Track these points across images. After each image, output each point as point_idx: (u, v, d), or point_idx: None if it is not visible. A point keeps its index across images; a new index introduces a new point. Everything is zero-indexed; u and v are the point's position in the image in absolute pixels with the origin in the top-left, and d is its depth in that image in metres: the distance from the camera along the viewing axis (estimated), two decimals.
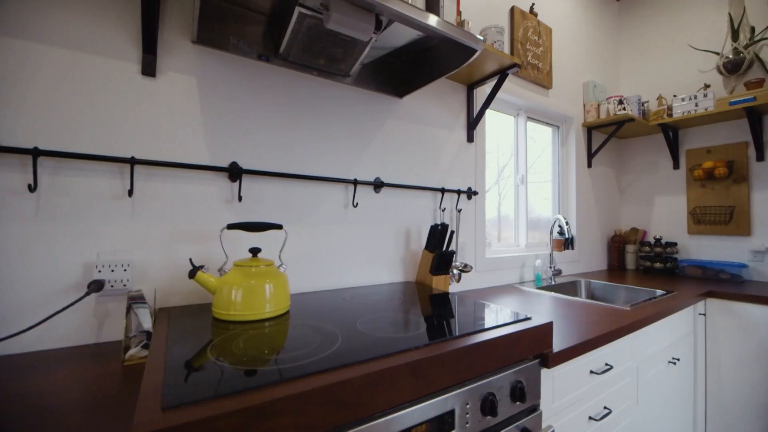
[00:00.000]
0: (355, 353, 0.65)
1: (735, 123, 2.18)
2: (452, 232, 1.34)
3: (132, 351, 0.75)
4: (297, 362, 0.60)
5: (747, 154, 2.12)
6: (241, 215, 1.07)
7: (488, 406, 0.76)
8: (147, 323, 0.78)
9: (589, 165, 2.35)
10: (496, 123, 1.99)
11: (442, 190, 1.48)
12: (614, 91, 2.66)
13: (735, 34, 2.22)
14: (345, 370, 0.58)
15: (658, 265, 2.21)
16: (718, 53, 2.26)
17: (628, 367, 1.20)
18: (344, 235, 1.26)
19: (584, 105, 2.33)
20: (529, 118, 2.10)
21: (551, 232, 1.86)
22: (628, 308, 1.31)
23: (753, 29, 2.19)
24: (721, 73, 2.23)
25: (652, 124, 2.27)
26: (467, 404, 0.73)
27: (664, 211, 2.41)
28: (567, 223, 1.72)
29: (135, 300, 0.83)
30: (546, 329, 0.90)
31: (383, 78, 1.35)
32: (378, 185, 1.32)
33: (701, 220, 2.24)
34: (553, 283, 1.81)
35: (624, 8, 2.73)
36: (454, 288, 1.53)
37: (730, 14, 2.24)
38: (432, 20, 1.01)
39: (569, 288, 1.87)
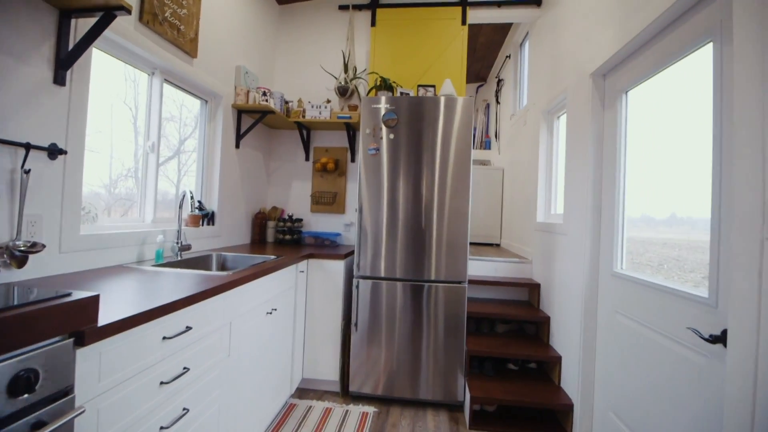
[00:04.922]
0: None
1: (342, 133, 3.02)
2: None
3: None
4: None
5: (347, 156, 2.99)
6: None
7: None
8: None
9: (237, 146, 2.51)
10: (135, 81, 1.68)
11: None
12: (269, 84, 2.99)
13: (346, 68, 3.05)
14: None
15: (288, 237, 2.72)
16: (336, 78, 3.03)
17: (220, 324, 1.35)
18: None
19: (235, 87, 2.44)
20: (169, 82, 1.94)
21: (180, 207, 1.80)
22: (228, 273, 1.47)
23: (355, 68, 3.10)
24: (337, 94, 3.00)
25: (292, 120, 2.72)
26: None
27: (297, 194, 3.00)
28: (192, 197, 1.73)
29: None
30: (87, 304, 0.81)
31: None
32: None
33: (318, 201, 2.95)
34: (179, 258, 1.77)
35: (284, 14, 3.10)
36: (10, 276, 1.13)
37: (343, 52, 3.06)
38: None
39: (199, 262, 1.90)
